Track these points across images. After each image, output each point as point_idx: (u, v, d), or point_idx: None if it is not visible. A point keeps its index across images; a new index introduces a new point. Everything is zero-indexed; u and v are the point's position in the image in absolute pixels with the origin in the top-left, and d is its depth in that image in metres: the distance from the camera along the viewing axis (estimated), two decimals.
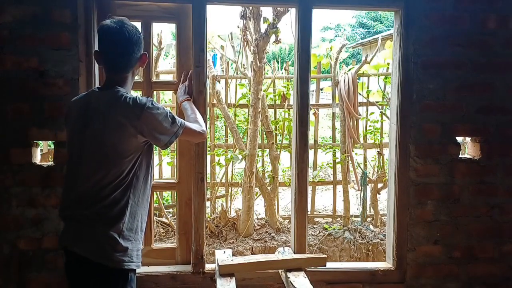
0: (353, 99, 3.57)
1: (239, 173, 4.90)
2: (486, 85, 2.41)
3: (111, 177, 1.57)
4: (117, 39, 1.60)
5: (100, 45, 1.65)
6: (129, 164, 1.60)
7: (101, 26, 1.62)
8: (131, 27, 1.63)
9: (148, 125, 1.60)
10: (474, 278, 2.45)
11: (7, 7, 2.08)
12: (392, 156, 2.44)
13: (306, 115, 2.36)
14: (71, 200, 1.63)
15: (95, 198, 1.58)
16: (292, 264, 2.27)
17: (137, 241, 1.66)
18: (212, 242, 3.46)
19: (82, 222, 1.59)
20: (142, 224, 1.70)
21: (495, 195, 2.44)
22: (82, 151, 1.62)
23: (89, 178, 1.59)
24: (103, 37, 1.63)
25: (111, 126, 1.57)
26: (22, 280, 2.17)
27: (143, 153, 1.65)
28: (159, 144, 1.68)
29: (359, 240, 3.53)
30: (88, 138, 1.60)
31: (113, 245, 1.58)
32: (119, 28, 1.59)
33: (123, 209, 1.60)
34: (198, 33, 2.25)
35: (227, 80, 3.91)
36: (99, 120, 1.59)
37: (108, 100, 1.61)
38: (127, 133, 1.57)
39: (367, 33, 22.29)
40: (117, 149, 1.58)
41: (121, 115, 1.57)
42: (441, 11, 2.34)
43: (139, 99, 1.61)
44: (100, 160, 1.58)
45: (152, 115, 1.60)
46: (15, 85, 2.11)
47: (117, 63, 1.66)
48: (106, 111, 1.59)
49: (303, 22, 2.32)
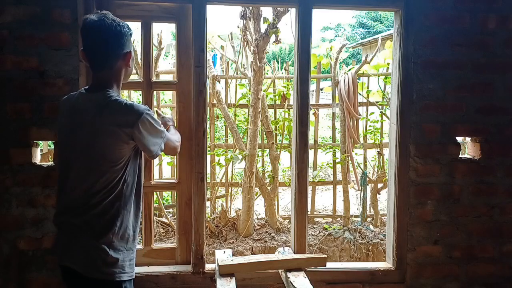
0: (353, 99, 3.57)
1: (239, 173, 4.90)
2: (486, 85, 2.41)
3: (101, 184, 1.53)
4: (96, 31, 1.54)
5: (83, 41, 1.59)
6: (120, 171, 1.55)
7: (83, 21, 1.56)
8: (111, 20, 1.55)
9: (141, 133, 1.54)
10: (474, 278, 2.45)
11: (7, 7, 2.08)
12: (392, 156, 2.44)
13: (306, 115, 2.36)
14: (63, 207, 1.59)
15: (84, 206, 1.54)
16: (292, 264, 2.27)
17: (129, 251, 1.61)
18: (212, 242, 3.46)
19: (72, 232, 1.56)
20: (135, 232, 1.65)
21: (495, 195, 2.44)
22: (70, 157, 1.57)
23: (78, 186, 1.55)
24: (83, 31, 1.57)
25: (102, 132, 1.51)
26: (22, 280, 2.17)
27: (132, 158, 1.60)
28: (149, 154, 1.63)
29: (359, 240, 3.53)
30: (77, 145, 1.55)
31: (103, 258, 1.54)
32: (98, 21, 1.54)
33: (113, 218, 1.55)
34: (198, 33, 2.25)
35: (227, 80, 3.91)
36: (89, 125, 1.52)
37: (99, 104, 1.53)
38: (119, 139, 1.52)
39: (367, 33, 22.30)
40: (107, 156, 1.52)
41: (115, 121, 1.51)
42: (441, 11, 2.34)
43: (137, 105, 1.56)
44: (90, 167, 1.53)
45: (149, 124, 1.56)
46: (15, 85, 2.11)
47: (97, 58, 1.58)
48: (97, 116, 1.52)
49: (303, 22, 2.32)
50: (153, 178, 2.41)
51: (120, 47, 1.60)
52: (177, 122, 2.37)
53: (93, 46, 1.57)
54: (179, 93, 2.35)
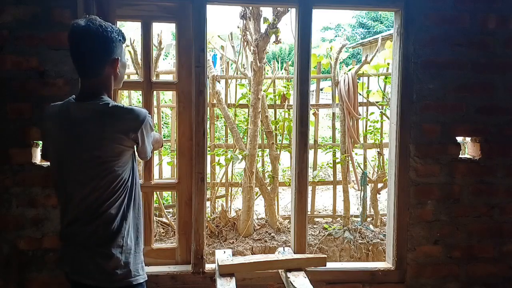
0: (353, 99, 3.57)
1: (239, 173, 4.90)
2: (486, 85, 2.41)
3: (107, 192, 1.50)
4: (82, 36, 1.49)
5: (70, 48, 1.53)
6: (124, 177, 1.53)
7: (70, 26, 1.51)
8: (98, 25, 1.49)
9: (143, 137, 1.55)
10: (474, 278, 2.45)
11: (7, 7, 2.08)
12: (392, 156, 2.44)
13: (306, 115, 2.36)
14: (69, 219, 1.55)
15: (92, 215, 1.51)
16: (292, 264, 2.27)
17: (139, 253, 1.61)
18: (212, 242, 3.46)
19: (79, 245, 1.53)
20: (139, 233, 1.64)
21: (495, 195, 2.44)
22: (69, 171, 1.52)
23: (84, 196, 1.50)
24: (69, 37, 1.51)
25: (109, 140, 1.48)
26: (22, 280, 2.17)
27: (131, 161, 1.58)
28: (144, 156, 1.64)
29: (359, 240, 3.53)
30: (80, 156, 1.49)
31: (114, 264, 1.51)
32: (84, 26, 1.48)
33: (120, 224, 1.53)
34: (198, 33, 2.25)
35: (227, 80, 3.91)
36: (93, 135, 1.48)
37: (99, 112, 1.49)
38: (126, 145, 1.50)
39: (367, 33, 22.30)
40: (114, 163, 1.49)
41: (121, 128, 1.49)
42: (441, 11, 2.34)
43: (137, 110, 1.54)
44: (95, 177, 1.49)
45: (150, 127, 1.58)
46: (15, 85, 2.11)
47: (84, 65, 1.52)
48: (101, 124, 1.48)
49: (303, 22, 2.32)
50: (153, 178, 2.41)
51: (107, 53, 1.52)
52: (177, 122, 2.37)
53: (78, 52, 1.51)
54: (179, 93, 2.35)
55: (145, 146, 1.60)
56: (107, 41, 1.51)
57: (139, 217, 1.65)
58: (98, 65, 1.52)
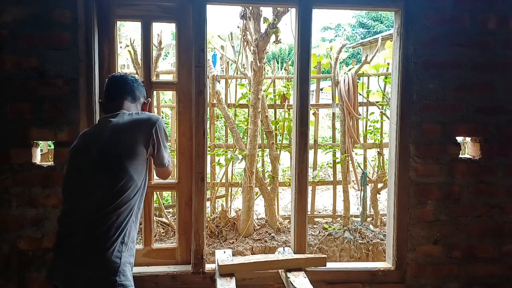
0: (353, 99, 3.57)
1: (239, 173, 4.91)
2: (486, 85, 2.41)
3: (119, 204, 1.56)
4: (118, 80, 1.82)
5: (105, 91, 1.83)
6: (139, 181, 1.64)
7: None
8: (130, 76, 1.85)
9: (158, 140, 1.70)
10: (474, 278, 2.45)
11: (7, 7, 2.08)
12: (392, 156, 2.44)
13: (306, 115, 2.36)
14: (74, 225, 1.57)
15: (98, 221, 1.54)
16: (292, 264, 2.27)
17: (132, 256, 1.64)
18: (212, 242, 3.46)
19: (80, 251, 1.54)
20: (134, 236, 1.67)
21: (495, 195, 2.44)
22: (89, 185, 1.58)
23: (95, 201, 1.56)
24: (107, 82, 1.82)
25: (137, 144, 1.64)
26: (22, 280, 2.17)
27: (145, 166, 1.70)
28: (160, 161, 1.79)
29: (359, 240, 3.53)
30: (99, 172, 1.59)
31: (113, 271, 1.54)
32: (120, 75, 1.84)
33: (124, 226, 1.57)
34: (198, 33, 2.25)
35: (227, 80, 3.91)
36: (112, 151, 1.61)
37: (125, 122, 1.67)
38: (146, 148, 1.66)
39: (367, 33, 22.29)
40: (137, 170, 1.62)
41: (143, 131, 1.67)
42: (441, 11, 2.34)
43: (150, 114, 1.75)
44: (113, 188, 1.56)
45: (164, 131, 1.73)
46: (15, 85, 2.11)
47: (117, 94, 1.79)
48: (134, 129, 1.67)
49: (303, 22, 2.32)
50: (153, 178, 2.41)
51: (140, 93, 1.88)
52: (177, 122, 2.37)
53: (115, 90, 1.82)
54: (179, 93, 2.35)
55: (161, 149, 1.74)
56: (136, 86, 1.86)
57: (138, 220, 1.70)
58: (130, 95, 1.84)
